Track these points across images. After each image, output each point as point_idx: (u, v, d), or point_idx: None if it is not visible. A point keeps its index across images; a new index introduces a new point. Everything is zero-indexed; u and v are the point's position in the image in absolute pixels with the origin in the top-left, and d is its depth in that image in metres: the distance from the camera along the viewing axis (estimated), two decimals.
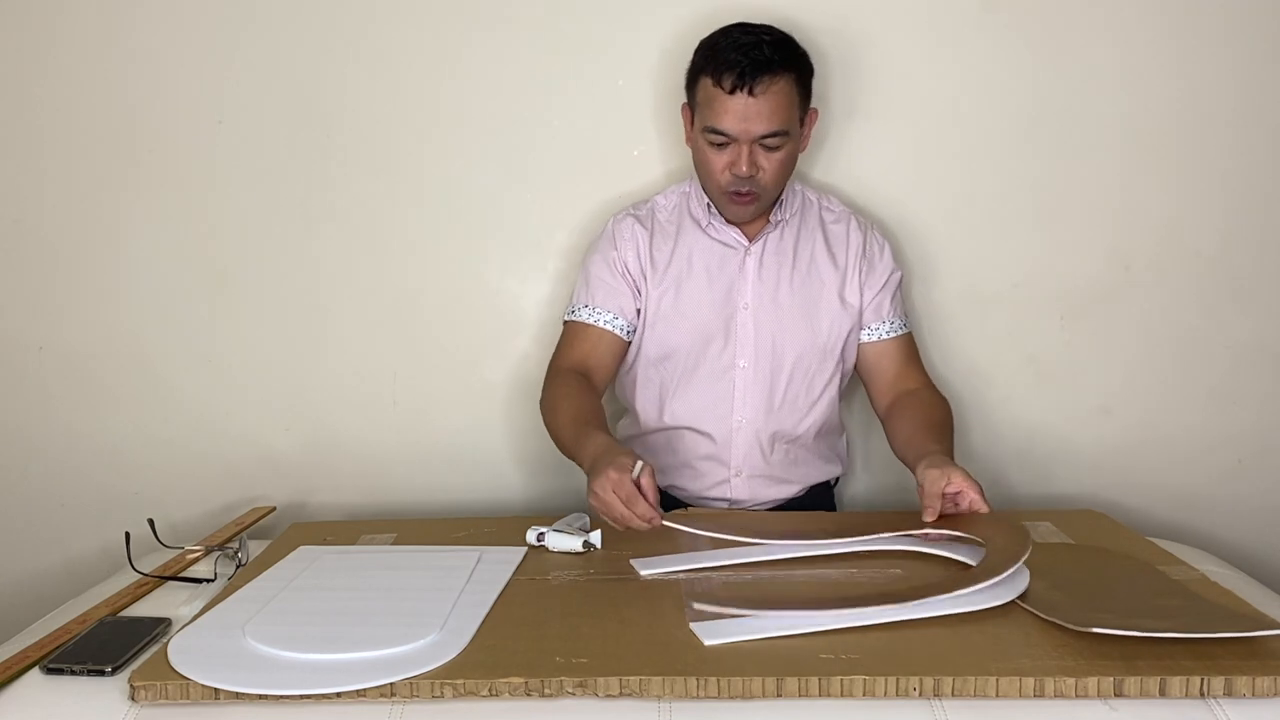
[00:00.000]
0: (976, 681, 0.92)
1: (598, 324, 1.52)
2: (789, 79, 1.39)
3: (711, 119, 1.40)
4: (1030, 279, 1.69)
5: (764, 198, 1.46)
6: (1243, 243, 1.68)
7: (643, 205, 1.58)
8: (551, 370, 1.51)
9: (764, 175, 1.42)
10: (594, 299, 1.53)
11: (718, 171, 1.43)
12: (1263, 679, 0.91)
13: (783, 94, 1.39)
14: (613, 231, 1.55)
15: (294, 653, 0.99)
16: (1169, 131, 1.65)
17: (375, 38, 1.65)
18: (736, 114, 1.38)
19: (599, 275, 1.53)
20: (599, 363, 1.51)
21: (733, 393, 1.52)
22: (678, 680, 0.93)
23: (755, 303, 1.51)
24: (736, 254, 1.52)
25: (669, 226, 1.55)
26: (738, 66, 1.36)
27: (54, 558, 1.78)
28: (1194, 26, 1.62)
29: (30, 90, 1.67)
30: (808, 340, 1.52)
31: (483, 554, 1.27)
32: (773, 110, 1.38)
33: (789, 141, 1.42)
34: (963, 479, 1.25)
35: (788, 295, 1.52)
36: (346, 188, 1.69)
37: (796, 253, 1.53)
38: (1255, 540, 1.76)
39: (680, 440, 1.55)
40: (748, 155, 1.40)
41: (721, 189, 1.45)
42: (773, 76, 1.37)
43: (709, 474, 1.54)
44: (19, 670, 1.00)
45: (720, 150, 1.42)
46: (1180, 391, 1.73)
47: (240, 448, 1.76)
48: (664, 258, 1.53)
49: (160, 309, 1.72)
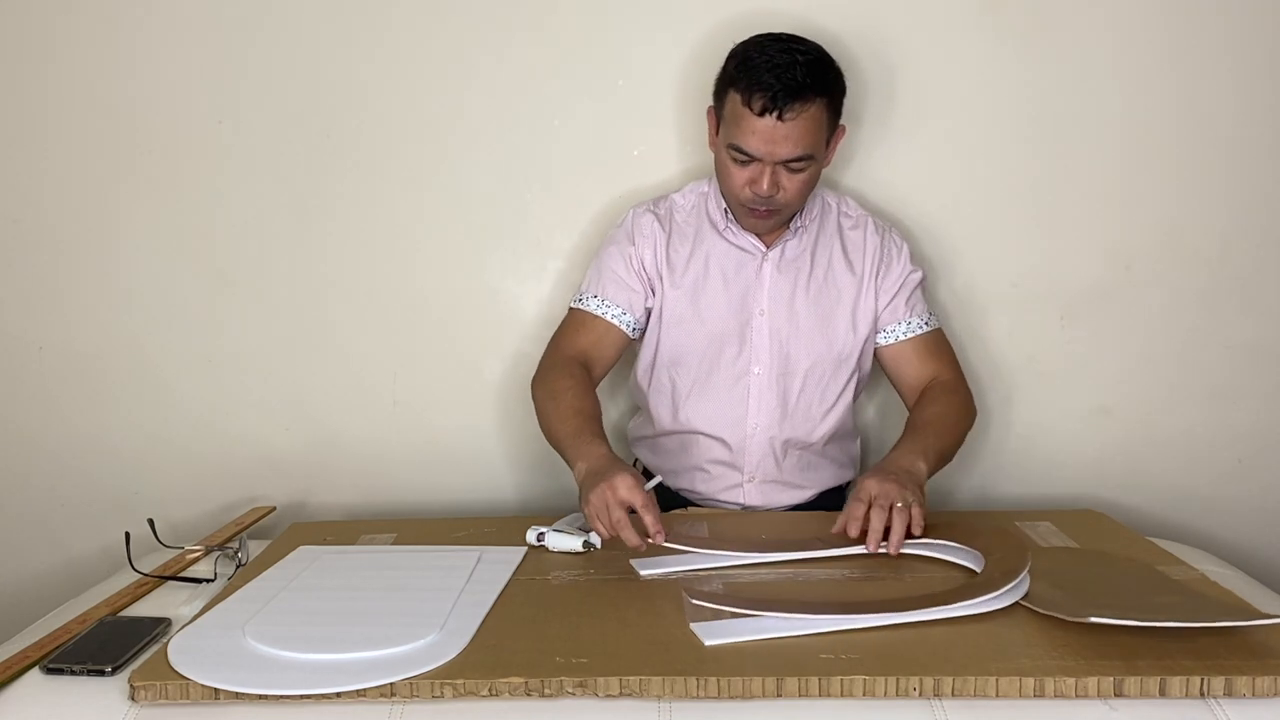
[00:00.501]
0: (976, 681, 0.92)
1: (605, 316, 1.50)
2: (821, 104, 1.35)
3: (737, 137, 1.37)
4: (1030, 279, 1.69)
5: (783, 214, 1.44)
6: (1243, 243, 1.68)
7: (661, 202, 1.56)
8: (552, 352, 1.50)
9: (785, 195, 1.39)
10: (605, 291, 1.51)
11: (738, 187, 1.40)
12: (1263, 679, 0.91)
13: (812, 119, 1.35)
14: (632, 226, 1.53)
15: (294, 653, 0.99)
16: (1169, 131, 1.65)
17: (376, 38, 1.65)
18: (763, 136, 1.34)
19: (613, 268, 1.52)
20: (601, 355, 1.50)
21: (747, 399, 1.51)
22: (678, 680, 0.93)
23: (771, 309, 1.50)
24: (754, 259, 1.51)
25: (686, 228, 1.53)
26: (770, 90, 1.32)
27: (54, 558, 1.78)
28: (1194, 26, 1.62)
29: (31, 90, 1.67)
30: (823, 348, 1.50)
31: (483, 554, 1.27)
32: (801, 135, 1.34)
33: (814, 164, 1.39)
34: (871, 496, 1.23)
35: (804, 303, 1.50)
36: (346, 188, 1.69)
37: (814, 260, 1.51)
38: (1255, 540, 1.76)
39: (694, 444, 1.54)
40: (770, 176, 1.37)
41: (740, 203, 1.43)
42: (804, 103, 1.33)
43: (722, 478, 1.54)
44: (19, 670, 1.01)
45: (742, 167, 1.39)
46: (1180, 391, 1.73)
47: (240, 448, 1.76)
48: (681, 260, 1.51)
49: (160, 309, 1.72)
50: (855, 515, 1.24)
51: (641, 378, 1.57)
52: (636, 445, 1.65)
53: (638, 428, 1.64)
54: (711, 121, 1.46)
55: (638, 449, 1.65)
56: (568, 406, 1.37)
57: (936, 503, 1.69)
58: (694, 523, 1.40)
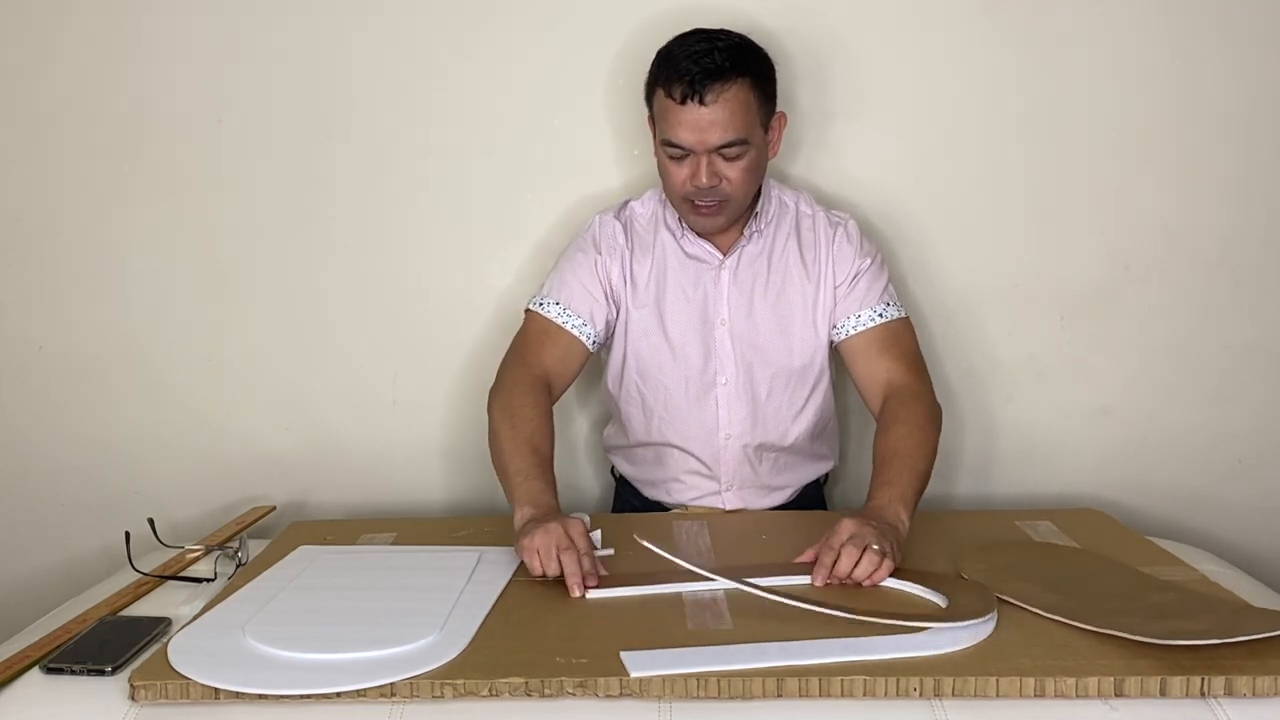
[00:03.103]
0: (976, 681, 0.92)
1: (567, 327, 1.46)
2: (743, 84, 1.34)
3: (667, 131, 1.36)
4: (1030, 279, 1.69)
5: (730, 207, 1.41)
6: (1243, 243, 1.68)
7: (622, 210, 1.54)
8: (515, 365, 1.43)
9: (727, 185, 1.37)
10: (568, 297, 1.47)
11: (679, 184, 1.39)
12: (1263, 679, 0.91)
13: (737, 101, 1.33)
14: (598, 235, 1.50)
15: (294, 653, 0.99)
16: (1168, 131, 1.65)
17: (376, 38, 1.65)
18: (689, 125, 1.33)
19: (578, 275, 1.48)
20: (563, 371, 1.46)
21: (717, 411, 1.49)
22: (678, 680, 0.93)
23: (731, 318, 1.48)
24: (710, 269, 1.48)
25: (646, 237, 1.51)
26: (688, 75, 1.32)
27: (54, 558, 1.78)
28: (1194, 26, 1.62)
29: (31, 90, 1.66)
30: (785, 354, 1.48)
31: (483, 554, 1.27)
32: (728, 118, 1.33)
33: (750, 149, 1.36)
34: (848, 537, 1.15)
35: (763, 309, 1.48)
36: (346, 187, 1.69)
37: (771, 264, 1.48)
38: (1255, 540, 1.76)
39: (668, 455, 1.53)
40: (706, 166, 1.35)
41: (684, 200, 1.40)
42: (724, 84, 1.32)
43: (698, 486, 1.53)
44: (19, 670, 1.01)
45: (679, 163, 1.37)
46: (1180, 391, 1.73)
47: (240, 447, 1.75)
48: (643, 275, 1.49)
49: (160, 309, 1.72)
50: (824, 563, 1.16)
51: (612, 385, 1.55)
52: (613, 454, 1.64)
53: (612, 436, 1.63)
54: (651, 128, 1.44)
55: (614, 458, 1.64)
56: (524, 440, 1.32)
57: (937, 504, 1.69)
58: (696, 526, 1.40)
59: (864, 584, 1.15)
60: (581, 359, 1.48)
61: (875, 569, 1.14)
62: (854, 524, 1.18)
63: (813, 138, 1.66)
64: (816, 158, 1.67)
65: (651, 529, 1.34)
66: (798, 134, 1.64)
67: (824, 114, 1.65)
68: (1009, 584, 1.12)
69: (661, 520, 1.46)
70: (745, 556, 1.26)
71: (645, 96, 1.44)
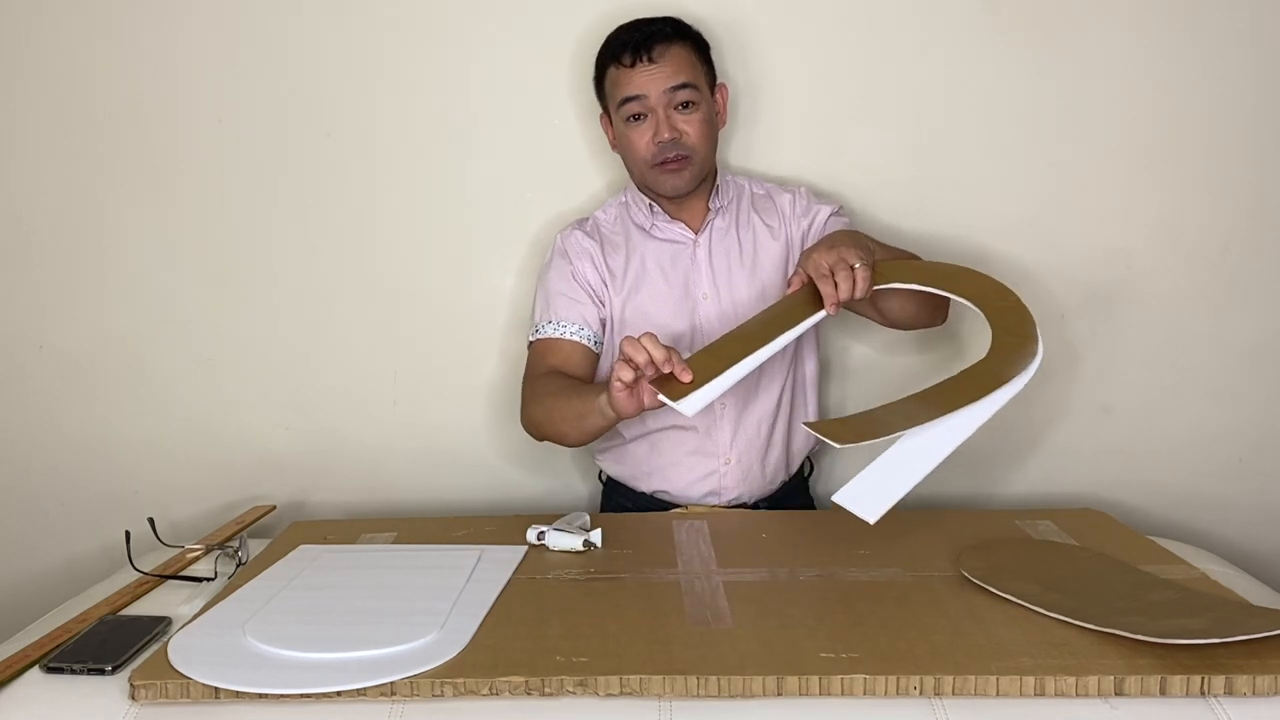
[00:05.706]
0: (976, 681, 0.92)
1: (566, 336, 1.51)
2: (684, 45, 1.46)
3: (622, 92, 1.45)
4: (1030, 278, 1.69)
5: (695, 161, 1.47)
6: (1243, 243, 1.68)
7: (585, 221, 1.59)
8: (531, 381, 1.50)
9: (688, 138, 1.45)
10: (557, 314, 1.52)
11: (643, 147, 1.46)
12: (1263, 678, 0.91)
13: (681, 57, 1.45)
14: (564, 246, 1.56)
15: (294, 652, 0.99)
16: (1169, 131, 1.65)
17: (376, 38, 1.65)
18: (643, 78, 1.44)
19: (558, 290, 1.53)
20: (574, 373, 1.49)
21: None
22: (678, 679, 0.93)
23: (713, 292, 1.52)
24: (686, 248, 1.53)
25: (615, 237, 1.56)
26: (632, 41, 1.44)
27: (54, 557, 1.78)
28: (1194, 26, 1.62)
29: (30, 90, 1.67)
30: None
31: (483, 553, 1.27)
32: (676, 67, 1.44)
33: (703, 101, 1.46)
34: (815, 263, 1.29)
35: (741, 278, 1.53)
36: (346, 188, 1.69)
37: (740, 237, 1.54)
38: (1256, 539, 1.76)
39: (665, 440, 1.54)
40: (666, 120, 1.44)
41: (650, 162, 1.46)
42: (667, 43, 1.44)
43: (698, 466, 1.54)
44: (19, 669, 1.01)
45: (639, 123, 1.45)
46: (1180, 391, 1.73)
47: (240, 447, 1.76)
48: (619, 265, 1.53)
49: (160, 309, 1.72)
50: (829, 294, 1.28)
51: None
52: (601, 457, 1.64)
53: (604, 437, 1.63)
54: (605, 126, 1.54)
55: (602, 460, 1.64)
56: (559, 389, 1.42)
57: (934, 500, 1.69)
58: (696, 524, 1.40)
59: (855, 295, 1.28)
60: (587, 359, 1.52)
61: (865, 281, 1.29)
62: (827, 253, 1.30)
63: (810, 137, 1.67)
64: (819, 159, 1.67)
65: (652, 528, 1.35)
66: (789, 134, 1.65)
67: (823, 113, 1.66)
68: (1009, 583, 1.12)
69: (661, 519, 1.46)
70: (746, 555, 1.26)
71: (596, 88, 1.52)
